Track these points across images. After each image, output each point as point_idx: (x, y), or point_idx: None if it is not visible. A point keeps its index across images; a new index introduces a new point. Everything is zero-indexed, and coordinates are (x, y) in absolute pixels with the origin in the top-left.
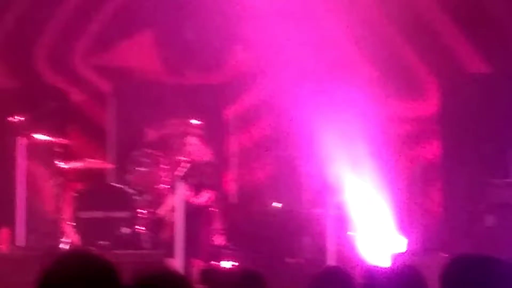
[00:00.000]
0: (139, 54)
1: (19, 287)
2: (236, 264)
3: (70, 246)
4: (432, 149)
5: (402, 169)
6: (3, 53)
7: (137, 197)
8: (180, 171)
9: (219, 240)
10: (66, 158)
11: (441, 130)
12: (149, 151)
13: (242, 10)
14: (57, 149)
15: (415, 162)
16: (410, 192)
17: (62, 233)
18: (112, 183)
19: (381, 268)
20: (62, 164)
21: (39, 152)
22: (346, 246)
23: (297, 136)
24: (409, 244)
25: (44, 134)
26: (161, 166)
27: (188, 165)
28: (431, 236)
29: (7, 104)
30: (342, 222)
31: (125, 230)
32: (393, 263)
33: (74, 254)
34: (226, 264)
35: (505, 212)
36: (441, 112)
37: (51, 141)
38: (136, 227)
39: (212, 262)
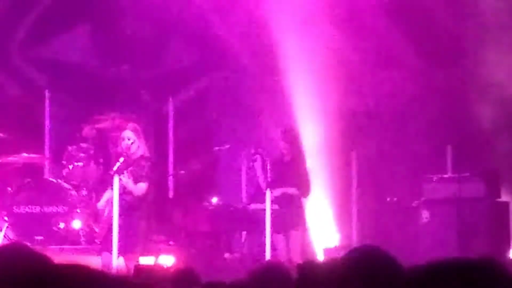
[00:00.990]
0: (76, 47)
1: None
2: (173, 259)
3: (5, 241)
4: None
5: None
6: None
7: (73, 192)
8: (115, 165)
9: (156, 235)
10: (2, 152)
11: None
12: (85, 145)
13: (181, 4)
14: None
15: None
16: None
17: None
18: (48, 178)
19: (314, 263)
20: None
21: None
22: (283, 242)
23: (237, 130)
24: (342, 239)
25: None
26: (97, 160)
27: (122, 159)
28: (366, 232)
29: None
30: (279, 217)
31: (61, 225)
32: (326, 258)
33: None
34: (164, 259)
35: (440, 208)
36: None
37: None
38: (72, 222)
39: (148, 257)
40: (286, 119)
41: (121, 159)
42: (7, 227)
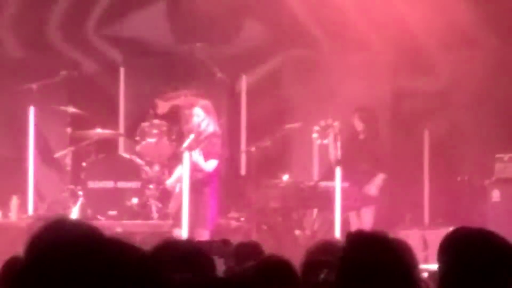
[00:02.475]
0: (150, 25)
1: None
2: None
3: (79, 215)
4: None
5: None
6: (15, 23)
7: (146, 168)
8: (186, 142)
9: (227, 211)
10: (77, 127)
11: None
12: (158, 122)
13: None
14: (68, 119)
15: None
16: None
17: (72, 202)
18: (122, 154)
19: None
20: (73, 133)
21: (50, 121)
22: (355, 219)
23: (310, 108)
24: (413, 218)
25: (56, 103)
26: (170, 137)
27: (193, 135)
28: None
29: (19, 73)
30: (351, 195)
31: (134, 200)
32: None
33: (58, 221)
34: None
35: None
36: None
37: (63, 110)
38: (145, 197)
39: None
40: (358, 97)
41: (192, 136)
42: (82, 201)
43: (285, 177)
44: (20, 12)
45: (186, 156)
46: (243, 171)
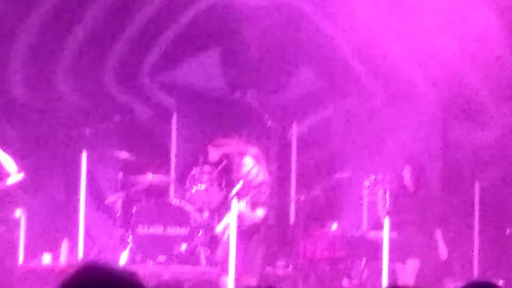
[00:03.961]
0: (203, 71)
1: None
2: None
3: (128, 260)
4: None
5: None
6: (72, 66)
7: (195, 215)
8: (234, 190)
9: (275, 260)
10: (129, 172)
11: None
12: (208, 168)
13: (306, 32)
14: (120, 163)
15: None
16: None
17: (121, 247)
18: (172, 200)
19: None
20: (124, 178)
21: (102, 166)
22: (401, 270)
23: (360, 157)
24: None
25: (109, 148)
26: (220, 184)
27: (242, 183)
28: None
29: (73, 117)
30: (398, 246)
31: (183, 246)
32: None
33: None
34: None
35: None
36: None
37: (115, 155)
38: (194, 244)
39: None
40: (409, 148)
41: (240, 183)
42: (131, 246)
43: (334, 226)
44: (76, 57)
45: (234, 203)
46: (292, 219)
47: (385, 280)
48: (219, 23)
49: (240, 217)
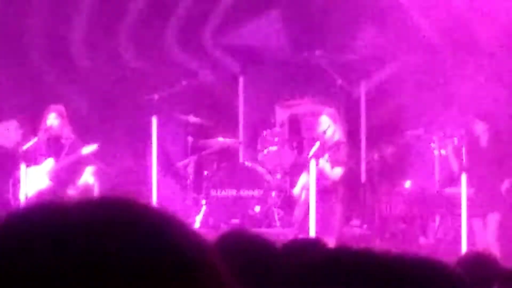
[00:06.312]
0: (266, 33)
1: None
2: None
3: (201, 224)
4: None
5: None
6: (135, 34)
7: (268, 176)
8: (313, 149)
9: (350, 219)
10: (198, 136)
11: None
12: (279, 130)
13: None
14: (189, 128)
15: None
16: None
17: (194, 211)
18: (244, 162)
19: None
20: (194, 143)
21: (172, 131)
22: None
23: (430, 113)
24: None
25: (177, 113)
26: (291, 145)
27: (319, 143)
28: None
29: (139, 83)
30: (476, 201)
31: (256, 208)
32: None
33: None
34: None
35: None
36: None
37: (184, 119)
38: (267, 205)
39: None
40: (478, 102)
41: (317, 144)
42: (204, 210)
43: (407, 184)
44: (138, 23)
45: (312, 164)
46: (363, 178)
47: (464, 237)
48: None
49: (319, 176)
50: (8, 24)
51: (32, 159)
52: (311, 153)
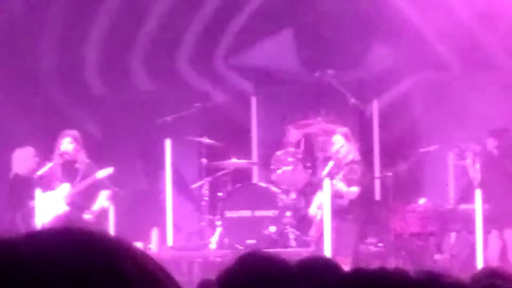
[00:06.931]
0: (278, 52)
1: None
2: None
3: (218, 245)
4: None
5: None
6: (147, 57)
7: (282, 196)
8: (327, 169)
9: (366, 237)
10: (212, 158)
11: None
12: (293, 150)
13: (379, 8)
14: (203, 150)
15: None
16: None
17: (210, 232)
18: (258, 183)
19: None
20: (208, 164)
21: (185, 153)
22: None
23: (443, 130)
24: None
25: (190, 135)
26: (305, 164)
27: (333, 162)
28: None
29: (152, 106)
30: (492, 216)
31: (271, 229)
32: None
33: (254, 255)
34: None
35: None
36: None
37: (198, 141)
38: (282, 225)
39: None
40: (492, 118)
41: (331, 163)
42: (220, 232)
43: (422, 201)
44: (151, 46)
45: (326, 183)
46: (377, 196)
47: (480, 253)
48: (291, 1)
49: (335, 195)
50: (21, 49)
51: (47, 184)
52: (324, 172)
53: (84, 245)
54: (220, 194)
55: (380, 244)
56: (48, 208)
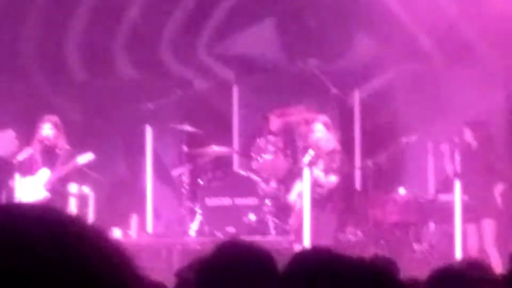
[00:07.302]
0: (260, 41)
1: (147, 273)
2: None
3: (196, 232)
4: None
5: None
6: (129, 44)
7: (262, 184)
8: (307, 158)
9: (345, 226)
10: (193, 145)
11: None
12: (273, 138)
13: None
14: (184, 137)
15: None
16: None
17: (189, 220)
18: (238, 170)
19: None
20: (189, 151)
21: (166, 140)
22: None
23: (423, 121)
24: None
25: (171, 122)
26: (285, 153)
27: (313, 152)
28: None
29: (134, 93)
30: (470, 207)
31: (251, 217)
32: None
33: (233, 243)
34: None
35: None
36: None
37: (178, 129)
38: (262, 213)
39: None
40: (472, 109)
41: (311, 152)
42: (199, 218)
43: (402, 191)
44: (132, 33)
45: (306, 172)
46: (357, 186)
47: (458, 243)
48: None
49: (314, 184)
50: (3, 34)
51: (27, 169)
52: (305, 161)
53: (55, 225)
54: (200, 181)
55: (359, 233)
56: (28, 193)
